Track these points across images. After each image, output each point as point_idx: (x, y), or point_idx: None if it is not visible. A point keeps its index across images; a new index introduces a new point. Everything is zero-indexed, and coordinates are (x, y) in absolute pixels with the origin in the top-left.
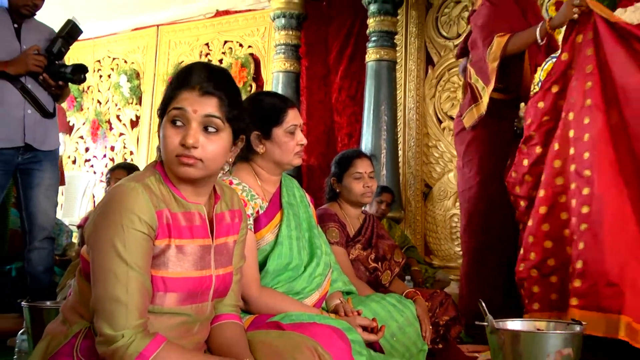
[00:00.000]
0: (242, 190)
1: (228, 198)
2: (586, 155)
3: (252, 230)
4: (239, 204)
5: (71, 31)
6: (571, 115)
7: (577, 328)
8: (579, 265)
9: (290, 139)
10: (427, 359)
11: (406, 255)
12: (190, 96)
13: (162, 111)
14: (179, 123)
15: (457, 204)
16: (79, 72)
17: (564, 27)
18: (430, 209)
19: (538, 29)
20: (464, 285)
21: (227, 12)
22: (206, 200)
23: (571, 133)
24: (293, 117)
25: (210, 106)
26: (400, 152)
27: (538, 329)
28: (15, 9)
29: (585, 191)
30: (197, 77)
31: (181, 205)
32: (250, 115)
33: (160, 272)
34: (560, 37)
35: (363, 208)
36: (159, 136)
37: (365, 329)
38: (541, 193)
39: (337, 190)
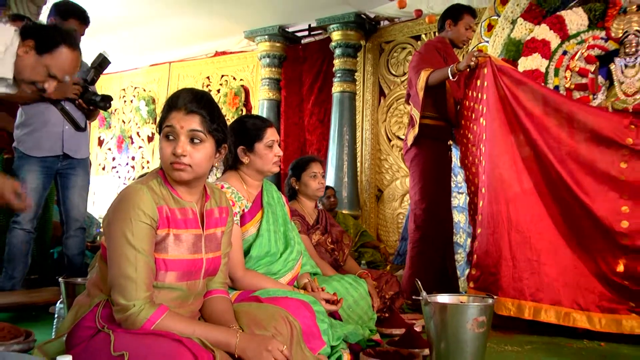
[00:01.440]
0: (231, 192)
1: (217, 198)
2: (483, 177)
3: (239, 224)
4: (226, 202)
5: (102, 62)
6: (470, 135)
7: (490, 301)
8: (474, 258)
9: (269, 151)
10: (375, 325)
11: (362, 238)
12: (178, 115)
13: (160, 128)
14: (170, 137)
15: (403, 204)
16: (106, 101)
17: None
18: (381, 209)
19: (449, 68)
20: (408, 268)
21: (224, 53)
22: (197, 198)
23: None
24: (271, 134)
25: (194, 122)
26: (358, 164)
27: (461, 302)
28: None
29: (480, 204)
30: (182, 100)
31: (177, 203)
32: (237, 133)
33: (161, 255)
34: None
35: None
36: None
37: (327, 301)
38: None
39: (296, 188)
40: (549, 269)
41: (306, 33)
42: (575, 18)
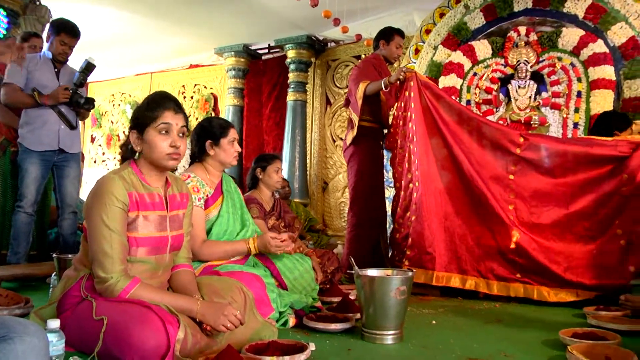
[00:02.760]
0: (197, 181)
1: (178, 185)
2: (417, 173)
3: (203, 207)
4: (186, 189)
5: (88, 67)
6: (402, 141)
7: (410, 274)
8: (409, 241)
9: (231, 147)
10: (318, 295)
11: (310, 222)
12: (170, 114)
13: (144, 125)
14: (164, 132)
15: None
16: (89, 103)
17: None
18: (327, 198)
19: (383, 81)
20: (346, 247)
21: (197, 65)
22: (162, 185)
23: (406, 155)
24: (233, 133)
25: (182, 120)
26: (308, 160)
27: (387, 275)
28: (54, 57)
29: (414, 195)
30: (170, 102)
31: (146, 188)
32: (206, 129)
33: (133, 234)
34: None
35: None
36: (138, 142)
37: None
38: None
39: (260, 178)
40: (461, 247)
41: (266, 51)
42: (482, 47)
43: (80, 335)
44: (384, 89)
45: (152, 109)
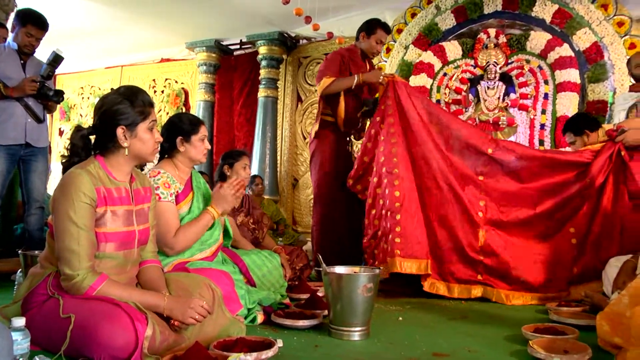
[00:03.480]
0: (167, 177)
1: (141, 179)
2: (394, 160)
3: (174, 202)
4: (148, 183)
5: (55, 59)
6: (382, 138)
7: (377, 271)
8: (398, 229)
9: (202, 144)
10: (286, 291)
11: (280, 223)
12: (153, 111)
13: (135, 122)
14: (151, 129)
15: None
16: (59, 95)
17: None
18: (297, 195)
19: (355, 78)
20: (314, 245)
21: (168, 60)
22: (128, 180)
23: (381, 148)
24: (204, 130)
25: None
26: (278, 157)
27: (354, 272)
28: (20, 49)
29: (396, 182)
30: (148, 97)
31: (113, 183)
32: (176, 126)
33: (101, 229)
34: None
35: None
36: (125, 138)
37: None
38: (369, 191)
39: (228, 174)
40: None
41: (238, 46)
42: (452, 48)
43: (46, 334)
44: (353, 87)
45: (141, 106)
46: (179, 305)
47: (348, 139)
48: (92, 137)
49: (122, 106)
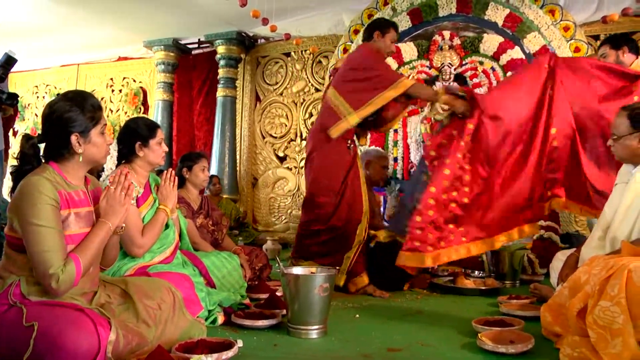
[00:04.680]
0: None
1: (94, 181)
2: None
3: (136, 205)
4: (99, 185)
5: (8, 60)
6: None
7: (332, 271)
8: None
9: (160, 147)
10: (246, 291)
11: (239, 221)
12: (103, 114)
13: (88, 128)
14: (103, 133)
15: (274, 190)
16: (12, 99)
17: None
18: (256, 194)
19: (439, 96)
20: (296, 243)
21: (125, 58)
22: (83, 183)
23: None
24: (160, 133)
25: None
26: (237, 156)
27: (312, 272)
28: None
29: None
30: (97, 101)
31: (71, 187)
32: (134, 131)
33: (66, 232)
34: None
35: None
36: (79, 145)
37: None
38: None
39: (186, 177)
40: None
41: (196, 45)
42: (408, 49)
43: (8, 344)
44: (435, 101)
45: (91, 111)
46: (110, 209)
47: (349, 141)
48: (42, 145)
49: (73, 113)
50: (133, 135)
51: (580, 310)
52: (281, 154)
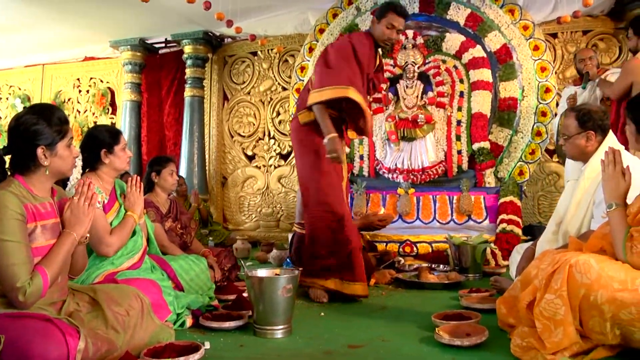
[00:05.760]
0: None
1: (60, 192)
2: None
3: (102, 209)
4: (66, 195)
5: None
6: None
7: (296, 272)
8: None
9: (124, 153)
10: (215, 293)
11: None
12: (69, 127)
13: (55, 141)
14: (70, 145)
15: (244, 188)
16: None
17: None
18: (226, 193)
19: (328, 136)
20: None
21: (92, 58)
22: (50, 194)
23: None
24: (124, 139)
25: None
26: (207, 156)
27: (276, 274)
28: None
29: None
30: (63, 114)
31: (37, 200)
32: (98, 139)
33: (33, 244)
34: None
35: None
36: (45, 157)
37: None
38: None
39: (155, 181)
40: None
41: (163, 45)
42: None
43: None
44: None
45: (58, 125)
46: (75, 219)
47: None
48: (7, 157)
49: (40, 126)
50: (97, 143)
51: (530, 302)
52: (250, 153)
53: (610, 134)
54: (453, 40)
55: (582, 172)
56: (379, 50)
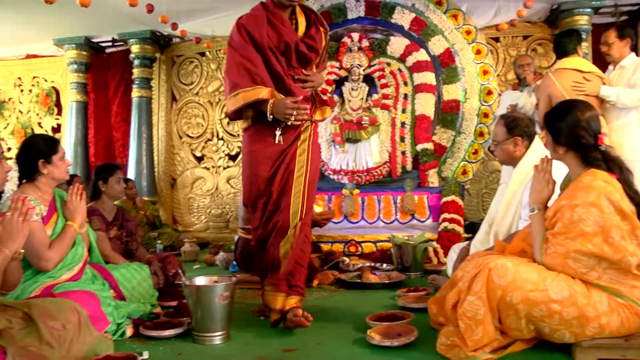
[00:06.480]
0: (32, 200)
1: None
2: None
3: (41, 221)
4: (1, 210)
5: None
6: None
7: (233, 279)
8: None
9: (63, 162)
10: (160, 299)
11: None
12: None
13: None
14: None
15: (193, 190)
16: None
17: None
18: (175, 194)
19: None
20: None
21: (35, 56)
22: None
23: None
24: (62, 147)
25: None
26: (155, 157)
27: (214, 281)
28: None
29: None
30: None
31: None
32: (35, 149)
33: None
34: None
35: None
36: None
37: None
38: None
39: (102, 189)
40: None
41: (110, 44)
42: None
43: None
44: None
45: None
46: (6, 235)
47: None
48: None
49: None
50: (34, 154)
51: (455, 303)
52: (199, 154)
53: (537, 139)
54: (397, 44)
55: (512, 175)
56: (302, 12)
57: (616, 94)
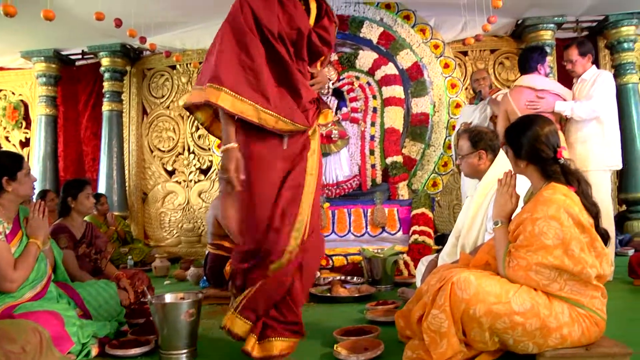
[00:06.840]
0: None
1: None
2: None
3: (5, 241)
4: None
5: None
6: None
7: (199, 295)
8: None
9: (28, 178)
10: (127, 316)
11: (128, 236)
12: None
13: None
14: None
15: (165, 204)
16: None
17: None
18: (147, 209)
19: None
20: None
21: (1, 68)
22: None
23: None
24: (27, 163)
25: None
26: (126, 171)
27: (181, 298)
28: None
29: None
30: None
31: None
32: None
33: None
34: None
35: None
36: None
37: None
38: None
39: (72, 206)
40: None
41: (80, 57)
42: None
43: None
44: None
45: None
46: None
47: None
48: None
49: None
50: None
51: (420, 317)
52: (170, 168)
53: (501, 152)
54: (366, 58)
55: (477, 188)
56: None
57: (570, 108)
